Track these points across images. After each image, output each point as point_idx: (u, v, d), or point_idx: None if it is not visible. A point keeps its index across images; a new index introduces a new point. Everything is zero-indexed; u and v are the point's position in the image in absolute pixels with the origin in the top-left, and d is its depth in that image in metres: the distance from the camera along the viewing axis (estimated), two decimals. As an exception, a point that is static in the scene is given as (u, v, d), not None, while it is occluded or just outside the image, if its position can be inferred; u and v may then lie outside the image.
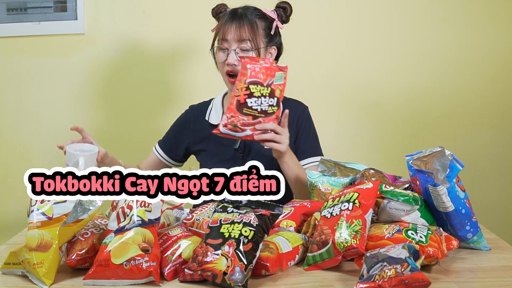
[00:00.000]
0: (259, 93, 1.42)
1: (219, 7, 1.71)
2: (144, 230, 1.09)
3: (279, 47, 1.74)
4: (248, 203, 1.15)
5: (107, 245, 1.07)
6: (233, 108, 1.42)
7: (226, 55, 1.64)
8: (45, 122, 2.46)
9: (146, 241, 1.07)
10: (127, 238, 1.07)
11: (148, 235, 1.09)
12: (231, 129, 1.43)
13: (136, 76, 2.45)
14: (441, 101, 2.51)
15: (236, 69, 1.63)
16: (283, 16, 1.69)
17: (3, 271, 1.13)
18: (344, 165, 1.49)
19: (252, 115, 1.43)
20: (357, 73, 2.48)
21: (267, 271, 1.08)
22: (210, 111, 1.81)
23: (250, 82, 1.42)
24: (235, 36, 1.62)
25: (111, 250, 1.05)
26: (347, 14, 2.46)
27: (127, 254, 1.05)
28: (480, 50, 2.48)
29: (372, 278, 0.97)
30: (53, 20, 2.39)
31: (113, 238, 1.08)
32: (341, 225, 1.12)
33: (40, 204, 1.12)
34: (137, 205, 1.12)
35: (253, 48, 1.63)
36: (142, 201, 1.12)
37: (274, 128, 1.45)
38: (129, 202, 1.12)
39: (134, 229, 1.08)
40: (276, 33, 1.70)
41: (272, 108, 1.44)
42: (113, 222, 1.12)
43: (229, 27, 1.63)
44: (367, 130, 2.51)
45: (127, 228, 1.09)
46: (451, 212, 1.20)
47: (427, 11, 2.46)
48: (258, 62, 1.44)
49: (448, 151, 1.21)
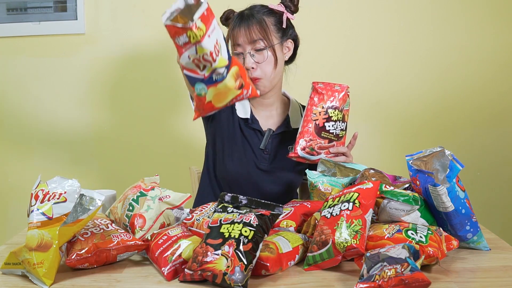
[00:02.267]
0: (336, 118, 1.54)
1: (227, 13, 1.67)
2: (231, 72, 1.17)
3: (295, 39, 1.71)
4: (248, 203, 1.15)
5: (204, 97, 1.17)
6: (312, 132, 1.53)
7: (242, 60, 1.60)
8: (45, 122, 2.47)
9: (237, 78, 1.17)
10: (222, 87, 1.16)
11: (235, 72, 1.17)
12: (308, 152, 1.52)
13: (136, 76, 2.45)
14: (441, 101, 2.51)
15: (255, 74, 1.60)
16: (291, 6, 1.66)
17: (3, 271, 1.13)
18: (344, 165, 1.50)
19: (328, 139, 1.54)
20: (357, 74, 2.48)
21: (267, 271, 1.08)
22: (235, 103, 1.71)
23: (329, 107, 1.53)
24: (247, 38, 1.59)
25: (211, 101, 1.16)
26: (347, 15, 2.46)
27: (227, 98, 1.18)
28: (481, 50, 2.48)
29: (372, 278, 0.97)
30: (53, 20, 2.39)
31: (206, 89, 1.16)
32: (341, 225, 1.12)
33: (40, 204, 1.12)
34: (214, 57, 1.13)
35: (267, 47, 1.60)
36: (214, 46, 1.13)
37: (346, 152, 1.56)
38: (204, 55, 1.12)
39: (225, 79, 1.16)
40: (288, 25, 1.66)
41: (342, 132, 1.57)
42: (190, 64, 1.15)
43: (238, 31, 1.60)
44: (367, 130, 2.51)
45: (217, 80, 1.16)
46: (451, 212, 1.20)
47: (427, 11, 2.46)
48: (334, 88, 1.56)
49: (448, 151, 1.21)
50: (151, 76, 2.45)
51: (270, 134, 1.68)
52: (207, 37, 1.10)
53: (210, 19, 1.12)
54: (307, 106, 1.55)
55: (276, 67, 1.63)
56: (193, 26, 1.08)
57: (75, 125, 2.47)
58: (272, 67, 1.62)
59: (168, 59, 2.44)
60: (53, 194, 1.13)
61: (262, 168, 1.68)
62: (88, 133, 2.47)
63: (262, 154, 1.68)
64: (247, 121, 1.70)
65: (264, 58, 1.60)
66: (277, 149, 1.70)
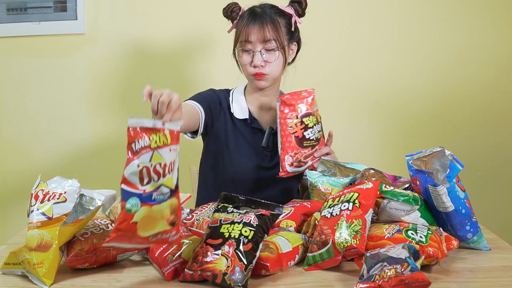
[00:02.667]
0: (312, 124, 1.54)
1: (232, 6, 1.65)
2: (172, 200, 1.03)
3: (298, 42, 1.72)
4: (248, 203, 1.15)
5: (133, 214, 0.98)
6: (294, 146, 1.52)
7: (251, 57, 1.60)
8: (45, 122, 2.47)
9: (173, 212, 1.02)
10: (156, 212, 1.00)
11: (174, 204, 1.03)
12: (297, 166, 1.53)
13: (136, 76, 2.45)
14: (441, 101, 2.51)
15: (263, 70, 1.60)
16: (299, 10, 1.66)
17: (3, 271, 1.13)
18: (344, 165, 1.50)
19: (310, 146, 1.54)
20: (357, 74, 2.48)
21: (267, 271, 1.08)
22: (232, 104, 1.71)
23: (302, 116, 1.53)
24: (260, 37, 1.58)
25: (138, 222, 0.98)
26: (347, 15, 2.46)
27: (155, 229, 0.99)
28: (481, 50, 2.48)
29: (372, 278, 0.97)
30: (53, 20, 2.39)
31: (139, 206, 0.98)
32: (341, 225, 1.12)
33: (40, 204, 1.12)
34: (165, 172, 1.03)
35: (278, 48, 1.60)
36: (170, 163, 1.04)
37: (328, 151, 1.57)
38: (156, 165, 1.01)
39: (164, 203, 1.01)
40: (295, 28, 1.67)
41: (319, 133, 1.57)
42: (134, 176, 1.00)
43: (252, 28, 1.58)
44: (367, 130, 2.51)
45: (156, 200, 1.00)
46: (451, 212, 1.20)
47: (427, 11, 2.46)
48: (301, 95, 1.54)
49: (448, 151, 1.21)
50: (150, 76, 2.45)
51: (271, 132, 1.69)
52: (168, 149, 1.03)
53: (177, 141, 1.06)
54: (280, 120, 1.54)
55: (283, 68, 1.65)
56: (162, 129, 1.03)
57: (75, 125, 2.47)
58: (280, 68, 1.63)
59: (168, 59, 2.44)
60: (53, 194, 1.13)
61: (265, 166, 1.68)
62: (88, 133, 2.47)
63: (264, 152, 1.69)
64: (246, 121, 1.70)
65: (274, 58, 1.60)
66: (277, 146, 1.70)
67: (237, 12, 1.65)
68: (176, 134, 1.05)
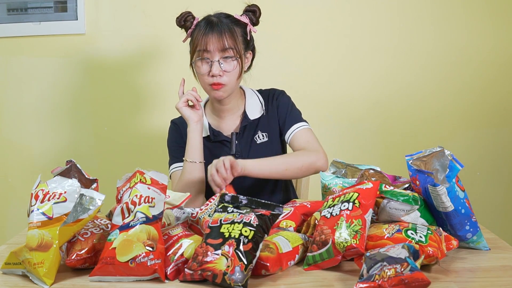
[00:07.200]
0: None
1: (184, 15, 1.67)
2: (149, 227, 1.09)
3: (253, 50, 1.74)
4: (248, 203, 1.15)
5: (112, 242, 1.07)
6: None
7: (210, 66, 1.61)
8: (45, 122, 2.47)
9: (150, 238, 1.08)
10: (131, 235, 1.08)
11: (152, 232, 1.09)
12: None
13: (136, 76, 2.45)
14: (441, 101, 2.51)
15: (221, 80, 1.61)
16: (254, 19, 1.68)
17: (3, 271, 1.13)
18: (354, 165, 1.49)
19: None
20: (357, 74, 2.49)
21: (267, 271, 1.08)
22: None
23: None
24: (218, 46, 1.60)
25: (116, 248, 1.06)
26: (348, 15, 2.46)
27: (132, 252, 1.06)
28: (481, 51, 2.48)
29: (372, 278, 0.97)
30: (54, 20, 2.39)
31: (118, 235, 1.08)
32: (341, 225, 1.12)
33: (40, 204, 1.12)
34: (141, 201, 1.12)
35: (236, 56, 1.61)
36: (146, 196, 1.13)
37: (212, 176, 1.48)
38: (133, 197, 1.12)
39: (139, 227, 1.09)
40: (250, 37, 1.69)
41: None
42: (117, 216, 1.12)
43: (210, 37, 1.59)
44: (367, 130, 2.51)
45: (131, 225, 1.09)
46: (450, 212, 1.20)
47: (427, 11, 2.46)
48: None
49: (447, 151, 1.21)
50: (150, 76, 2.45)
51: (235, 137, 1.70)
52: (146, 186, 1.14)
53: (158, 186, 1.16)
54: None
55: (240, 76, 1.66)
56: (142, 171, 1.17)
57: (75, 125, 2.47)
58: (236, 77, 1.65)
59: (168, 59, 2.44)
60: (53, 194, 1.13)
61: None
62: (88, 133, 2.48)
63: (237, 158, 1.68)
64: (209, 138, 1.72)
65: (232, 67, 1.62)
66: (245, 146, 1.73)
67: (191, 21, 1.66)
68: (161, 184, 1.16)
